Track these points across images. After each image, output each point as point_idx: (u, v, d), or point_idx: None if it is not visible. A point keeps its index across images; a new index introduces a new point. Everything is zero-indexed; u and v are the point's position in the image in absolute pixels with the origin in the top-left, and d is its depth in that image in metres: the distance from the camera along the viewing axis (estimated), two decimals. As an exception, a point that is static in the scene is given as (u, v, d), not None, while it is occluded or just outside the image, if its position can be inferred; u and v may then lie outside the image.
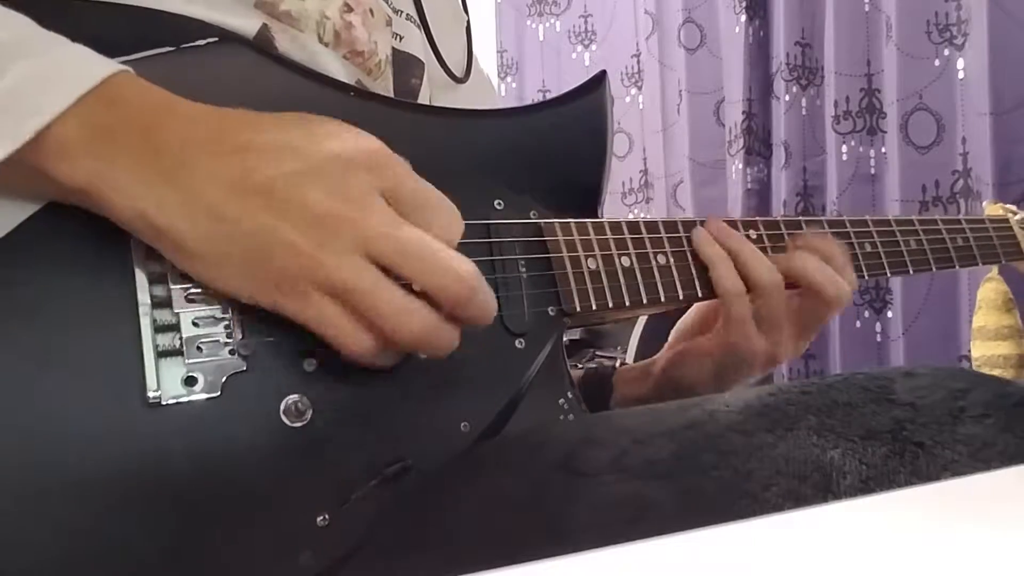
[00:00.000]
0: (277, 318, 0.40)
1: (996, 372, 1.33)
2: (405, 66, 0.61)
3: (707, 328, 0.62)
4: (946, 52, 1.65)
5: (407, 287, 0.40)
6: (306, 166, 0.39)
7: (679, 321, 0.66)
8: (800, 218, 0.65)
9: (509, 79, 2.51)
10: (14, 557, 0.35)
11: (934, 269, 0.71)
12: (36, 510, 0.36)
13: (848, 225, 0.66)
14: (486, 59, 2.39)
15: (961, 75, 1.62)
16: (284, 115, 0.42)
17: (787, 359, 0.62)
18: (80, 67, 0.38)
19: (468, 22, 0.72)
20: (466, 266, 0.41)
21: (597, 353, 2.27)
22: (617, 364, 0.72)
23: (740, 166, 1.97)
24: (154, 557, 0.38)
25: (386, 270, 0.40)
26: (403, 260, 0.40)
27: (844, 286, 0.61)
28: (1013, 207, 0.90)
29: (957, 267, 0.73)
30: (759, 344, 0.59)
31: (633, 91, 2.29)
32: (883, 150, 1.76)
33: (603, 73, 0.58)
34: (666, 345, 0.66)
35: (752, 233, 0.61)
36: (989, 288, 1.36)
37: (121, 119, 0.38)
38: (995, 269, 1.33)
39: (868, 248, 0.66)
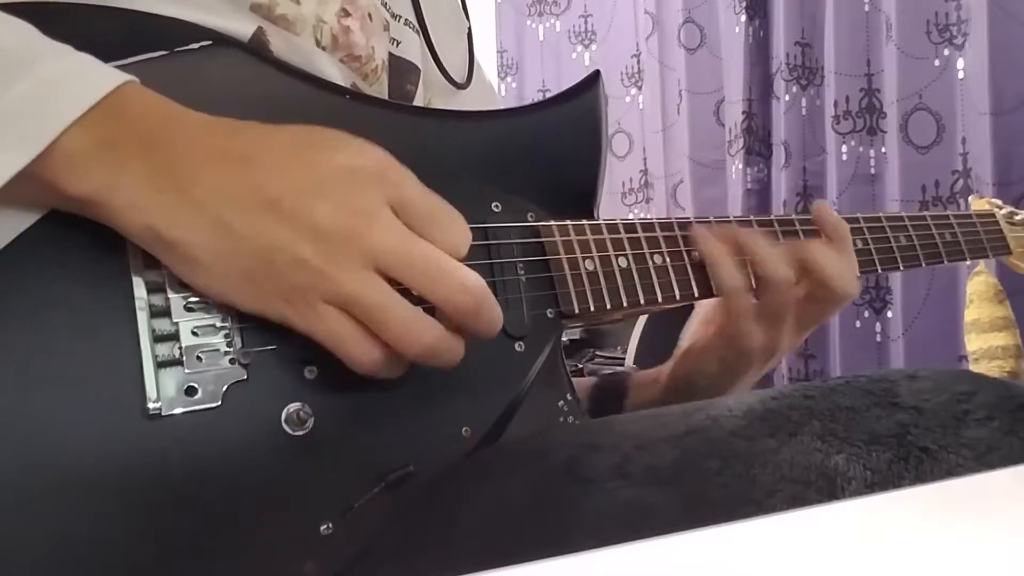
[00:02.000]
0: (277, 326, 0.40)
1: (996, 363, 1.33)
2: (401, 72, 0.61)
3: (713, 326, 0.62)
4: (946, 52, 1.65)
5: (413, 299, 0.40)
6: (314, 180, 0.39)
7: (687, 324, 0.67)
8: (793, 216, 0.65)
9: (509, 79, 2.51)
10: (15, 569, 0.35)
11: (923, 265, 0.71)
12: (37, 522, 0.36)
13: None
14: (486, 59, 2.39)
15: (961, 75, 1.62)
16: (292, 128, 0.42)
17: (787, 352, 0.62)
18: (87, 77, 0.38)
19: (469, 28, 0.71)
20: (473, 279, 0.41)
21: (597, 353, 2.27)
22: (627, 365, 0.73)
23: (740, 166, 1.97)
24: (156, 569, 0.37)
25: (394, 282, 0.40)
26: (412, 273, 0.40)
27: (854, 280, 0.61)
28: (998, 201, 0.90)
29: (946, 262, 0.74)
30: (758, 338, 0.59)
31: (633, 91, 2.29)
32: (883, 150, 1.76)
33: (596, 73, 0.57)
34: (676, 348, 0.67)
35: None
36: (979, 282, 1.36)
37: (129, 131, 0.38)
38: (981, 264, 1.33)
39: (859, 245, 0.66)
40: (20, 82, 0.36)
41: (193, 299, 0.40)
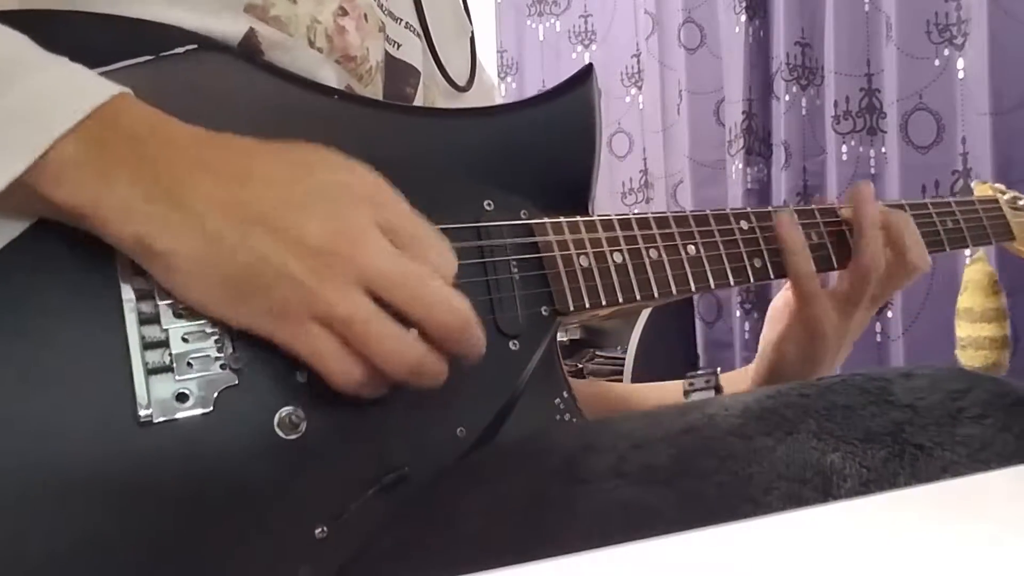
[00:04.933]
0: None
1: (981, 353, 1.33)
2: (398, 74, 0.61)
3: (788, 312, 0.66)
4: (946, 52, 1.65)
5: (399, 319, 0.41)
6: (304, 197, 0.40)
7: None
8: (792, 208, 0.64)
9: (509, 79, 2.51)
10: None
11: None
12: (29, 531, 0.36)
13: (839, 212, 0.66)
14: (486, 59, 2.39)
15: (961, 75, 1.62)
16: (283, 144, 0.42)
17: (858, 335, 0.66)
18: (80, 89, 0.38)
19: (472, 33, 0.72)
20: (460, 301, 0.41)
21: (597, 353, 2.27)
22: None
23: (740, 166, 1.97)
24: (150, 575, 0.37)
25: (381, 301, 0.40)
26: (399, 294, 0.40)
27: (926, 252, 0.66)
28: (1002, 186, 0.88)
29: (948, 250, 0.73)
30: (832, 320, 0.62)
31: (633, 91, 2.29)
32: (883, 150, 1.76)
33: (590, 67, 0.57)
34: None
35: (744, 224, 0.61)
36: (976, 269, 1.35)
37: (120, 142, 0.38)
38: (981, 251, 1.32)
39: None
40: (13, 92, 0.36)
41: (182, 305, 0.40)
